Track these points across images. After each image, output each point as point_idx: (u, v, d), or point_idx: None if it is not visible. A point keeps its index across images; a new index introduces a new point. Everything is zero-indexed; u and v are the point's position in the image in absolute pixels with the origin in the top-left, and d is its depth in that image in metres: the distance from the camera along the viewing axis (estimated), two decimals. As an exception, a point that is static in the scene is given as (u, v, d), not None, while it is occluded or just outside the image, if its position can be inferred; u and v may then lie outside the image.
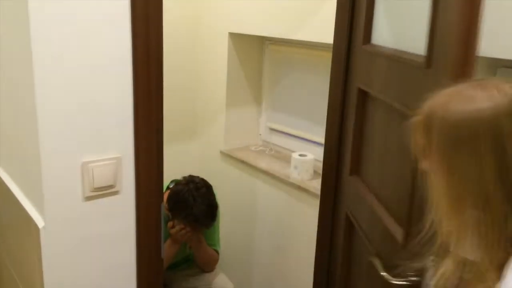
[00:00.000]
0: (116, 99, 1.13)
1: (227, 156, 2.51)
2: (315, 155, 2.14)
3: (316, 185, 1.98)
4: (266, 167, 2.28)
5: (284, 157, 2.39)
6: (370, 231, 1.27)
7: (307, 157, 2.13)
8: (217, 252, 2.11)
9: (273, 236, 2.32)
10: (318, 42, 1.95)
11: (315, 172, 2.12)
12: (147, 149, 1.20)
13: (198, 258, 2.06)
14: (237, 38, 2.39)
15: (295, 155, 2.15)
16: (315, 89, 2.18)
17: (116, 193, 1.18)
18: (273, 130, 2.54)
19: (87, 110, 1.10)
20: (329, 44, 1.56)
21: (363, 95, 1.36)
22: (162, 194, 1.27)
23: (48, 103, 1.04)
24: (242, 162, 2.40)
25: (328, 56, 1.58)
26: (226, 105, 2.47)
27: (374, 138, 1.30)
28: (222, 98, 2.47)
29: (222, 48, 2.41)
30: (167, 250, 1.92)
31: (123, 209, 1.21)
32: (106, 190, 1.16)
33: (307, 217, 2.05)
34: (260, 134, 2.62)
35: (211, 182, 2.67)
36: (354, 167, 1.43)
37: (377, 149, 1.28)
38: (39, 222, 1.10)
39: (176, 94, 2.59)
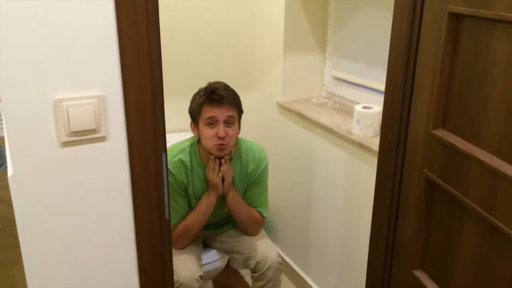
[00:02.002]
0: (94, 20, 0.90)
1: (284, 108, 2.22)
2: (383, 107, 1.78)
3: (380, 142, 1.65)
4: (326, 121, 1.97)
5: (348, 111, 2.06)
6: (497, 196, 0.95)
7: (371, 110, 1.78)
8: (262, 215, 1.87)
9: (331, 199, 2.02)
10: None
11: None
12: (139, 86, 0.97)
13: (237, 218, 1.87)
14: (296, -30, 2.05)
15: (358, 108, 1.81)
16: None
17: (102, 139, 0.97)
18: (339, 79, 2.19)
19: (56, 33, 0.88)
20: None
21: (457, 22, 1.02)
22: (163, 142, 1.04)
23: (3, 21, 0.83)
24: (300, 115, 2.11)
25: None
26: (284, 51, 2.16)
27: (487, 81, 0.95)
28: (280, 43, 2.16)
29: (279, -17, 2.09)
30: (203, 203, 1.78)
31: (113, 159, 1.00)
32: (87, 135, 0.95)
33: (369, 178, 1.73)
34: (324, 85, 2.28)
35: (266, 136, 2.43)
36: (439, 119, 1.11)
37: (500, 96, 0.93)
38: (9, 169, 0.93)
39: (226, 38, 2.34)
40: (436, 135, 1.12)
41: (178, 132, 2.14)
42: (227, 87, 1.74)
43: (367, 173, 1.76)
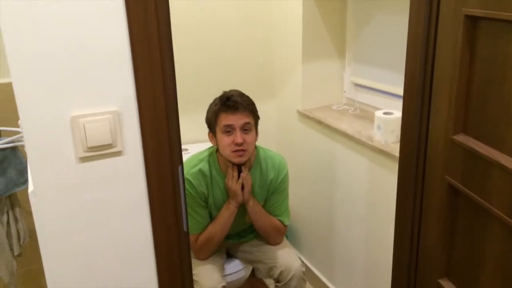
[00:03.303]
0: (107, 37, 0.91)
1: (305, 116, 2.21)
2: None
3: (401, 149, 1.61)
4: (346, 128, 1.95)
5: (369, 117, 2.03)
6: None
7: (392, 116, 1.75)
8: (283, 224, 1.86)
9: (353, 206, 2.00)
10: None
11: (402, 133, 1.73)
12: (153, 100, 0.98)
13: (258, 227, 1.86)
14: (312, -23, 2.04)
15: (378, 113, 1.79)
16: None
17: (118, 154, 0.99)
18: (359, 86, 2.17)
19: (72, 52, 0.90)
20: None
21: (473, 25, 1.00)
22: (179, 155, 1.05)
23: (22, 42, 0.86)
24: (320, 122, 2.09)
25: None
26: (303, 58, 2.15)
27: (507, 84, 0.93)
28: (298, 50, 2.16)
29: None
30: (224, 212, 1.78)
31: (129, 173, 1.01)
32: (104, 150, 0.97)
33: (391, 185, 1.69)
34: (344, 91, 2.26)
35: (287, 144, 2.42)
36: (459, 124, 1.09)
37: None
38: (30, 185, 0.96)
39: (244, 47, 2.35)
40: (456, 141, 1.09)
41: (199, 143, 2.15)
42: (242, 94, 1.75)
43: (389, 180, 1.73)
